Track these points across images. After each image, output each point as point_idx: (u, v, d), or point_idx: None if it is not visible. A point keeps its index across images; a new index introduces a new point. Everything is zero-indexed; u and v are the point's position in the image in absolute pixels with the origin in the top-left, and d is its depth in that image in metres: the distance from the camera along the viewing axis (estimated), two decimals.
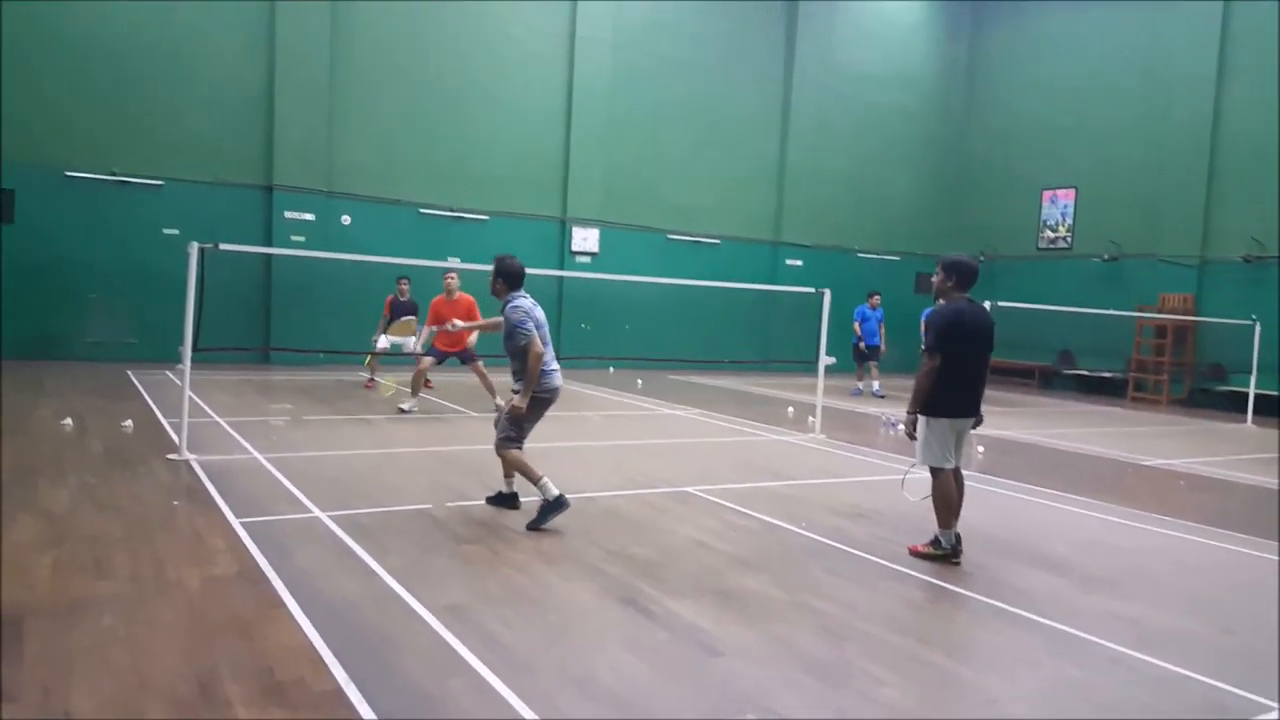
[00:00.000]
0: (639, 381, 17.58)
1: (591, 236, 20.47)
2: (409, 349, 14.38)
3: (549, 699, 3.82)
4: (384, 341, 14.03)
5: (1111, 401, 19.84)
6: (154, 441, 9.02)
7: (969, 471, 9.57)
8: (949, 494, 6.15)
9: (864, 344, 17.60)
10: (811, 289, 12.27)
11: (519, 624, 4.64)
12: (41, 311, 15.68)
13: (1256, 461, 11.89)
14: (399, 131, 18.48)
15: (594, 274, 18.14)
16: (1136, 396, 20.46)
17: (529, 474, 6.56)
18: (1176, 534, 7.52)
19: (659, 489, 8.08)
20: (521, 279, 6.83)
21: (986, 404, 6.41)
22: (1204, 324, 19.45)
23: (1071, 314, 18.01)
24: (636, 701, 3.86)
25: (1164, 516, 8.09)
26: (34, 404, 10.97)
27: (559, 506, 6.48)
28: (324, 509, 6.68)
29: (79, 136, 15.87)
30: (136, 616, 4.48)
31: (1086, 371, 21.46)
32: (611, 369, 19.31)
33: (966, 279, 6.24)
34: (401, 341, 14.21)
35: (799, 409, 14.11)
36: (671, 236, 21.59)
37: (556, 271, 18.89)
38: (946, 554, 6.11)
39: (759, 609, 5.07)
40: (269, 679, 3.87)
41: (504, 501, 7.06)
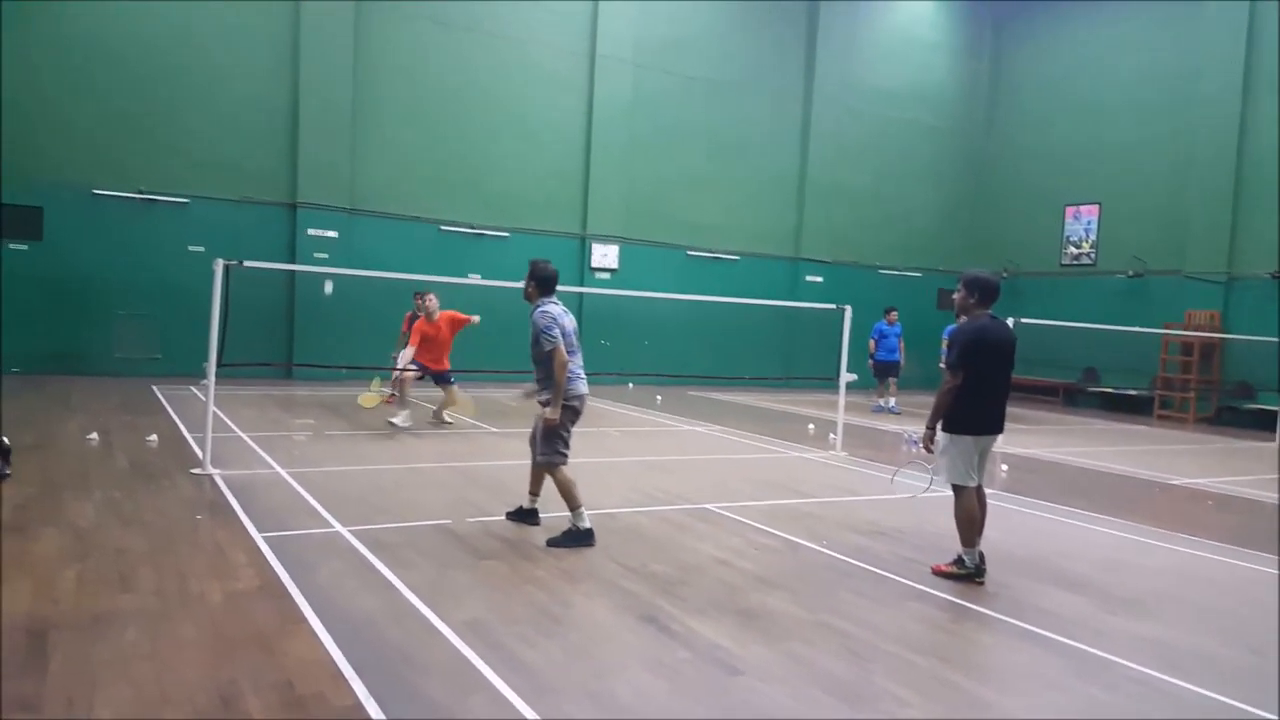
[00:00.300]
0: (658, 398, 17.58)
1: (611, 253, 20.52)
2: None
3: (569, 717, 3.81)
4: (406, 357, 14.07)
5: (1137, 419, 19.65)
6: (178, 456, 9.09)
7: (992, 490, 9.50)
8: (971, 512, 6.09)
9: (874, 359, 17.58)
10: (832, 305, 12.25)
11: (539, 641, 4.63)
12: (69, 327, 15.87)
13: None
14: (420, 150, 18.61)
15: (614, 290, 18.17)
16: (1162, 414, 20.25)
17: (571, 499, 6.56)
18: (1203, 554, 7.43)
19: (679, 506, 8.06)
20: (554, 284, 6.84)
21: (1009, 421, 6.36)
22: (1231, 341, 19.24)
23: (1096, 331, 17.87)
24: None
25: (1191, 536, 8.00)
26: (61, 419, 11.08)
27: (585, 539, 6.48)
28: (345, 524, 6.70)
29: (106, 155, 16.08)
30: (159, 630, 4.50)
31: (1111, 389, 21.28)
32: (631, 385, 19.31)
33: (989, 295, 6.20)
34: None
35: (820, 426, 14.05)
36: (691, 253, 21.60)
37: (576, 288, 18.92)
38: (970, 573, 6.04)
39: (780, 628, 5.04)
40: (289, 693, 3.88)
41: (524, 517, 7.05)
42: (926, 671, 4.55)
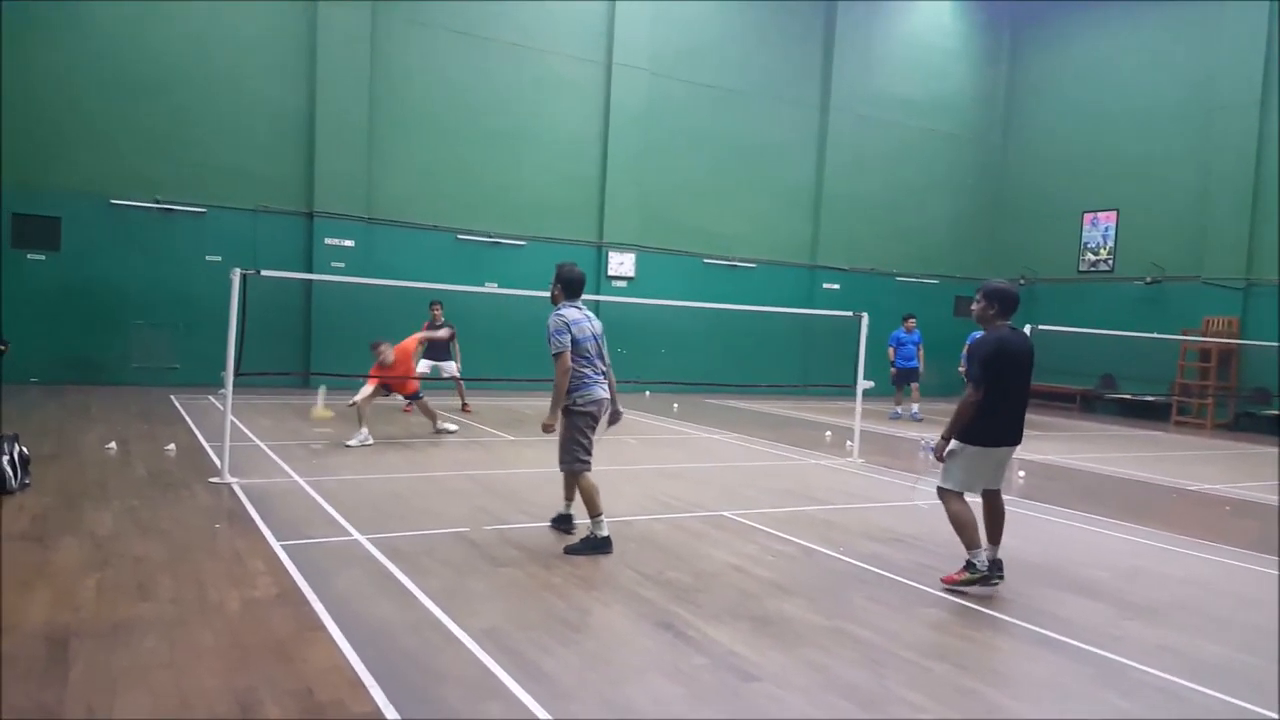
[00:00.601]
0: (675, 405, 17.57)
1: (628, 261, 20.55)
2: (447, 374, 14.51)
3: None
4: (423, 365, 14.18)
5: (1154, 426, 19.52)
6: (196, 465, 9.14)
7: (1009, 496, 9.46)
8: (967, 516, 5.99)
9: (894, 366, 17.55)
10: (849, 313, 12.23)
11: (556, 648, 4.63)
12: (87, 337, 15.99)
13: None
14: (437, 159, 18.68)
15: (630, 298, 18.19)
16: (1180, 421, 20.11)
17: (592, 506, 6.59)
18: (1222, 560, 7.38)
19: (695, 513, 8.06)
20: (578, 289, 6.96)
21: (1027, 428, 6.30)
22: (1249, 347, 19.10)
23: (1113, 337, 17.76)
24: None
25: (1209, 543, 7.94)
26: (80, 428, 11.16)
27: (603, 547, 6.50)
28: (363, 532, 6.73)
29: (124, 165, 16.19)
30: (178, 638, 4.53)
31: (1129, 395, 21.15)
32: (648, 393, 19.32)
33: (1009, 307, 6.12)
34: (440, 366, 14.36)
35: (837, 433, 14.02)
36: (707, 261, 21.60)
37: (593, 296, 18.91)
38: (984, 575, 5.92)
39: (796, 634, 5.03)
40: (308, 700, 3.90)
41: (563, 523, 7.11)
42: (943, 678, 4.54)
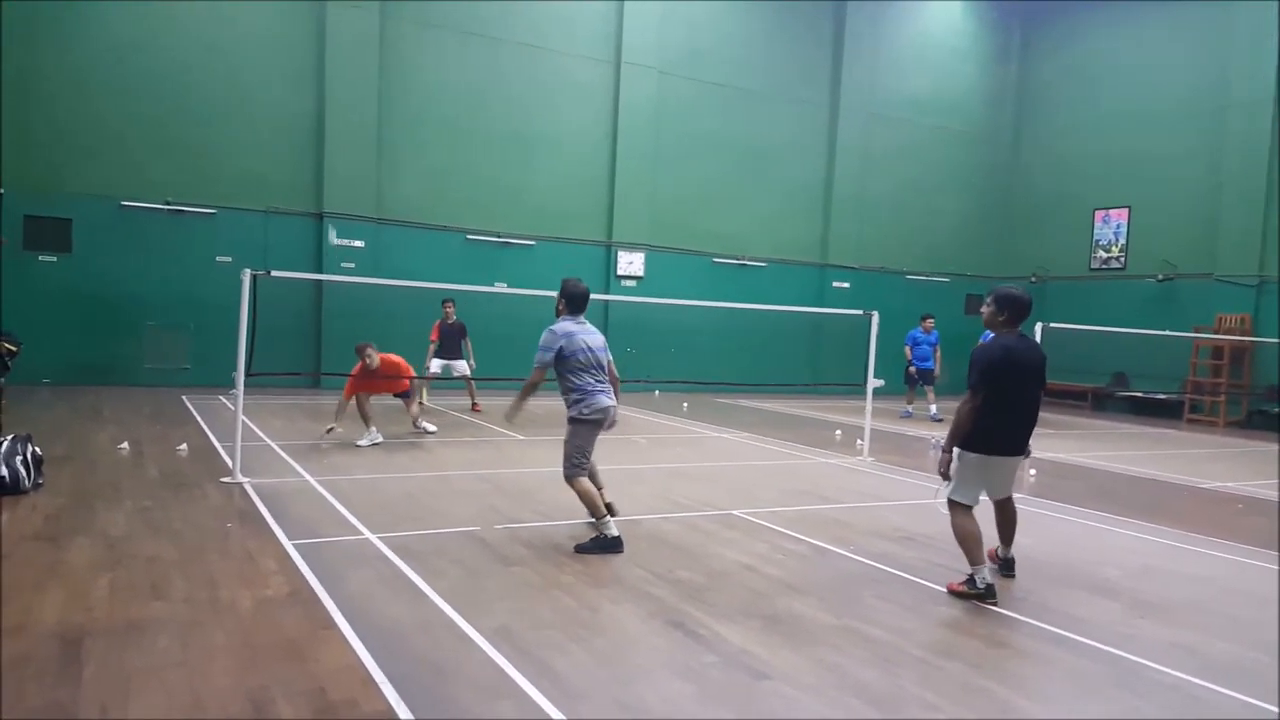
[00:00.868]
0: (685, 405, 17.56)
1: (637, 260, 20.54)
2: (459, 373, 14.53)
3: None
4: (435, 365, 14.22)
5: (1166, 424, 19.44)
6: (208, 465, 9.17)
7: (1021, 495, 9.44)
8: (971, 530, 5.84)
9: (913, 367, 17.45)
10: (859, 311, 12.20)
11: (568, 647, 4.64)
12: (99, 338, 16.06)
13: None
14: (446, 159, 18.70)
15: (639, 298, 18.18)
16: (1192, 418, 20.02)
17: (595, 508, 6.64)
18: (1234, 558, 7.34)
19: (705, 512, 8.05)
20: (581, 304, 6.96)
21: (1038, 426, 6.24)
22: (1262, 344, 18.99)
23: (1125, 335, 17.69)
24: None
25: (1221, 540, 7.91)
26: (92, 429, 11.21)
27: (613, 546, 6.53)
28: (374, 531, 6.74)
29: (134, 167, 16.25)
30: (191, 637, 4.54)
31: (1141, 393, 21.06)
32: (657, 392, 19.32)
33: (1019, 314, 5.98)
34: (452, 365, 14.38)
35: (847, 432, 13.99)
36: (717, 260, 21.58)
37: (602, 296, 18.95)
38: (980, 594, 5.73)
39: (808, 634, 5.02)
40: (321, 700, 3.91)
41: (604, 545, 6.92)
42: (955, 677, 4.52)
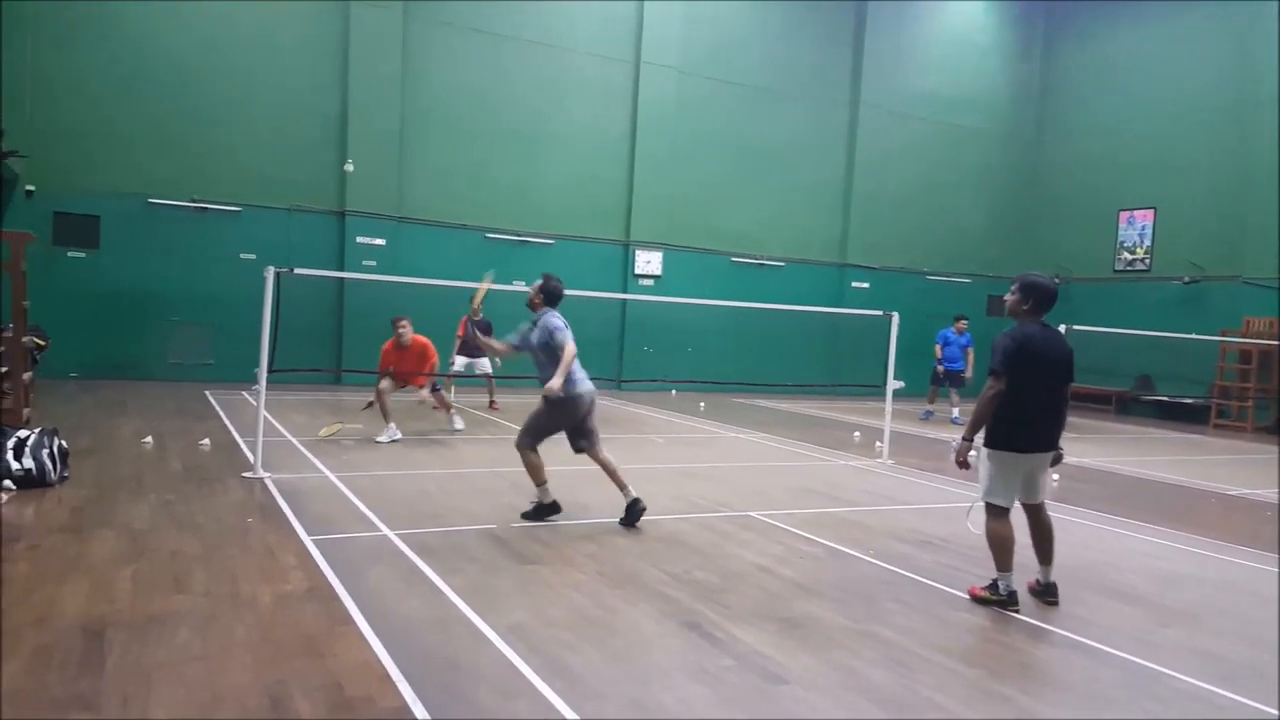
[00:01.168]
0: (701, 405, 17.55)
1: (655, 259, 20.54)
2: (481, 370, 14.54)
3: None
4: (459, 363, 14.26)
5: (1192, 428, 19.26)
6: (230, 460, 9.25)
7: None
8: (1004, 535, 5.71)
9: (943, 368, 17.28)
10: (879, 312, 12.15)
11: (582, 646, 4.65)
12: (125, 333, 16.25)
13: None
14: (466, 159, 18.77)
15: (656, 297, 18.18)
16: (1219, 423, 19.83)
17: (535, 475, 7.29)
18: (1261, 566, 7.26)
19: (722, 513, 8.05)
20: (557, 299, 7.57)
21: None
22: None
23: (1150, 338, 17.54)
24: None
25: (1248, 548, 7.83)
26: (117, 423, 11.33)
27: (552, 510, 7.32)
28: (393, 528, 6.78)
29: (161, 165, 16.43)
30: (211, 631, 4.59)
31: (1166, 397, 20.87)
32: (674, 392, 19.32)
33: (1044, 303, 5.82)
34: (475, 363, 14.40)
35: (866, 433, 13.94)
36: (735, 259, 21.55)
37: (619, 294, 18.98)
38: (1002, 600, 5.66)
39: (824, 637, 5.01)
40: (338, 695, 3.94)
41: (631, 513, 7.37)
42: (973, 682, 4.50)
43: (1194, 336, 18.08)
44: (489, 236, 19.01)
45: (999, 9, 24.45)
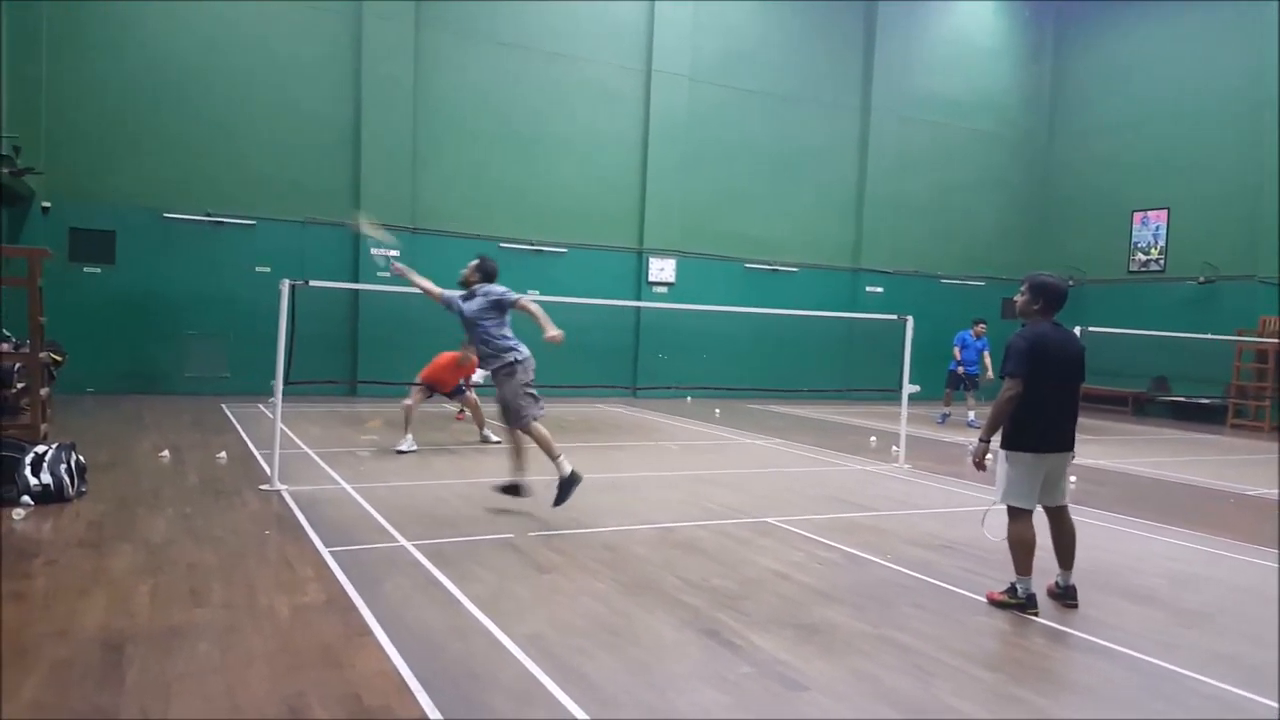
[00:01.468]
0: (717, 411, 17.52)
1: (668, 267, 20.55)
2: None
3: None
4: (478, 374, 14.25)
5: (1209, 429, 19.12)
6: (247, 472, 9.29)
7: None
8: (1026, 539, 5.68)
9: (963, 369, 17.19)
10: (894, 316, 12.12)
11: (600, 654, 4.64)
12: (141, 347, 16.35)
13: None
14: (480, 168, 18.84)
15: (671, 304, 18.18)
16: (1236, 423, 19.69)
17: (550, 448, 7.69)
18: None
19: (738, 519, 8.03)
20: (494, 276, 8.86)
21: (1078, 431, 6.13)
22: None
23: (1165, 338, 17.44)
24: None
25: (1267, 548, 7.76)
26: (134, 437, 11.39)
27: (576, 480, 7.65)
28: (409, 538, 6.79)
29: (175, 180, 16.52)
30: (230, 643, 4.60)
31: (1182, 398, 20.74)
32: (689, 398, 19.31)
33: (1054, 303, 5.81)
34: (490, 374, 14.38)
35: (882, 438, 13.90)
36: (749, 265, 21.54)
37: (633, 303, 18.99)
38: (1021, 604, 5.63)
39: (843, 643, 4.99)
40: (356, 706, 3.94)
41: (512, 490, 7.91)
42: (993, 687, 4.47)
43: (1210, 336, 17.97)
44: (502, 246, 19.03)
45: (1008, 11, 24.41)
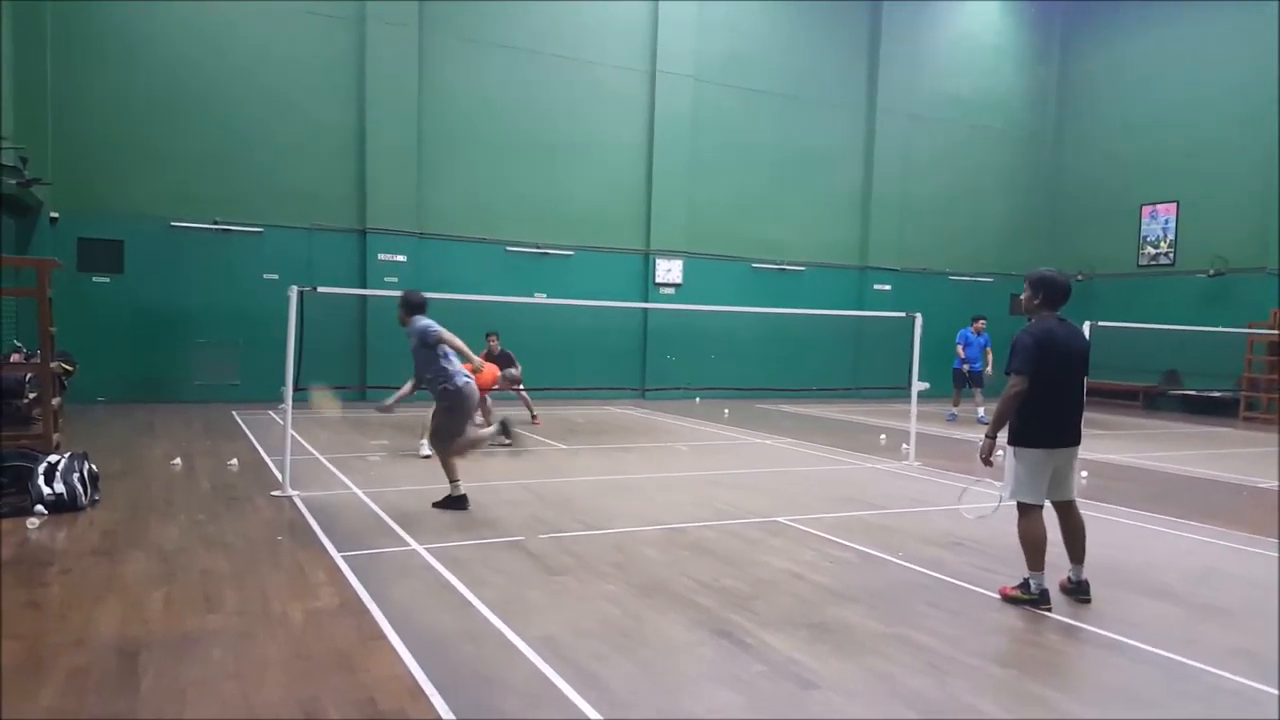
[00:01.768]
0: (726, 411, 17.50)
1: (675, 268, 20.53)
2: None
3: None
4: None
5: (1221, 422, 19.03)
6: (258, 479, 9.31)
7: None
8: (1037, 534, 5.68)
9: (967, 368, 17.18)
10: (902, 313, 12.09)
11: (612, 656, 4.64)
12: (151, 356, 16.40)
13: None
14: (485, 172, 18.85)
15: (678, 305, 18.17)
16: (1248, 416, 19.58)
17: (453, 472, 8.02)
18: None
19: (750, 519, 8.01)
20: (422, 307, 8.30)
21: (1088, 426, 6.13)
22: None
23: (1176, 332, 17.36)
24: None
25: None
26: (146, 445, 11.42)
27: (461, 504, 7.92)
28: (421, 542, 6.80)
29: (183, 188, 16.58)
30: (244, 649, 4.61)
31: (1194, 392, 20.64)
32: (698, 399, 19.29)
33: (1055, 297, 5.81)
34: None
35: (892, 436, 13.86)
36: (756, 265, 21.52)
37: (641, 304, 18.99)
38: (1034, 599, 5.62)
39: (856, 642, 4.98)
40: (371, 709, 3.94)
41: (454, 503, 7.98)
42: (1009, 684, 4.46)
43: (1220, 330, 17.88)
44: (509, 249, 19.07)
45: (1014, 10, 24.34)
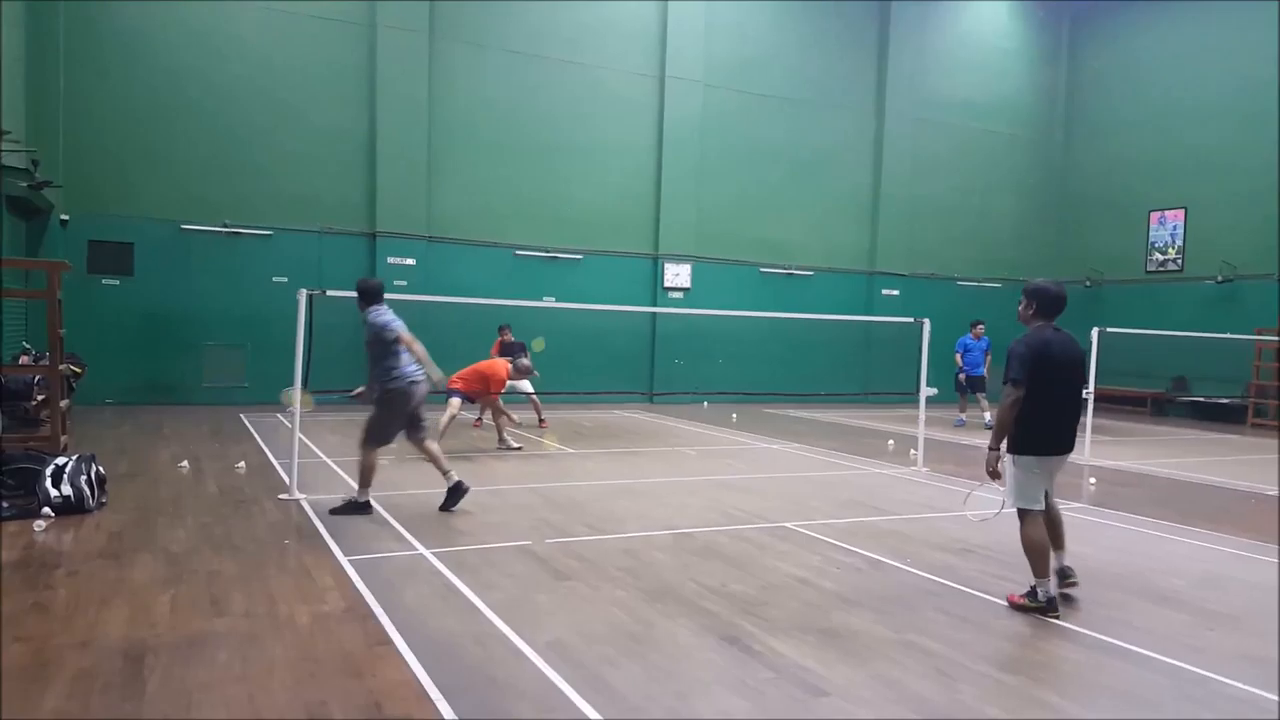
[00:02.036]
0: (734, 416, 17.49)
1: (684, 272, 20.53)
2: (522, 390, 14.50)
3: None
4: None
5: (1230, 428, 18.95)
6: (266, 482, 9.32)
7: (1080, 504, 9.26)
8: (1039, 540, 5.67)
9: (965, 375, 17.21)
10: (910, 319, 12.06)
11: (621, 662, 4.62)
12: (160, 358, 16.45)
13: None
14: (494, 177, 18.89)
15: (686, 309, 18.17)
16: (1257, 423, 19.50)
17: (367, 477, 7.91)
18: None
19: (757, 524, 8.00)
20: (378, 294, 8.41)
21: (1096, 433, 6.12)
22: None
23: (1184, 338, 17.30)
24: None
25: None
26: (153, 448, 11.45)
27: (364, 509, 7.85)
28: (428, 546, 6.80)
29: (193, 191, 16.65)
30: (250, 652, 4.61)
31: (1202, 398, 20.57)
32: (706, 403, 19.27)
33: (1048, 307, 5.83)
34: (515, 383, 14.38)
35: (900, 441, 13.83)
36: (764, 269, 21.51)
37: (649, 308, 18.99)
38: (1042, 607, 5.60)
39: (865, 648, 4.96)
40: (377, 714, 3.94)
41: (453, 496, 8.09)
42: (1017, 691, 4.44)
43: (1229, 336, 17.81)
44: (518, 253, 19.10)
45: (1021, 12, 24.32)
